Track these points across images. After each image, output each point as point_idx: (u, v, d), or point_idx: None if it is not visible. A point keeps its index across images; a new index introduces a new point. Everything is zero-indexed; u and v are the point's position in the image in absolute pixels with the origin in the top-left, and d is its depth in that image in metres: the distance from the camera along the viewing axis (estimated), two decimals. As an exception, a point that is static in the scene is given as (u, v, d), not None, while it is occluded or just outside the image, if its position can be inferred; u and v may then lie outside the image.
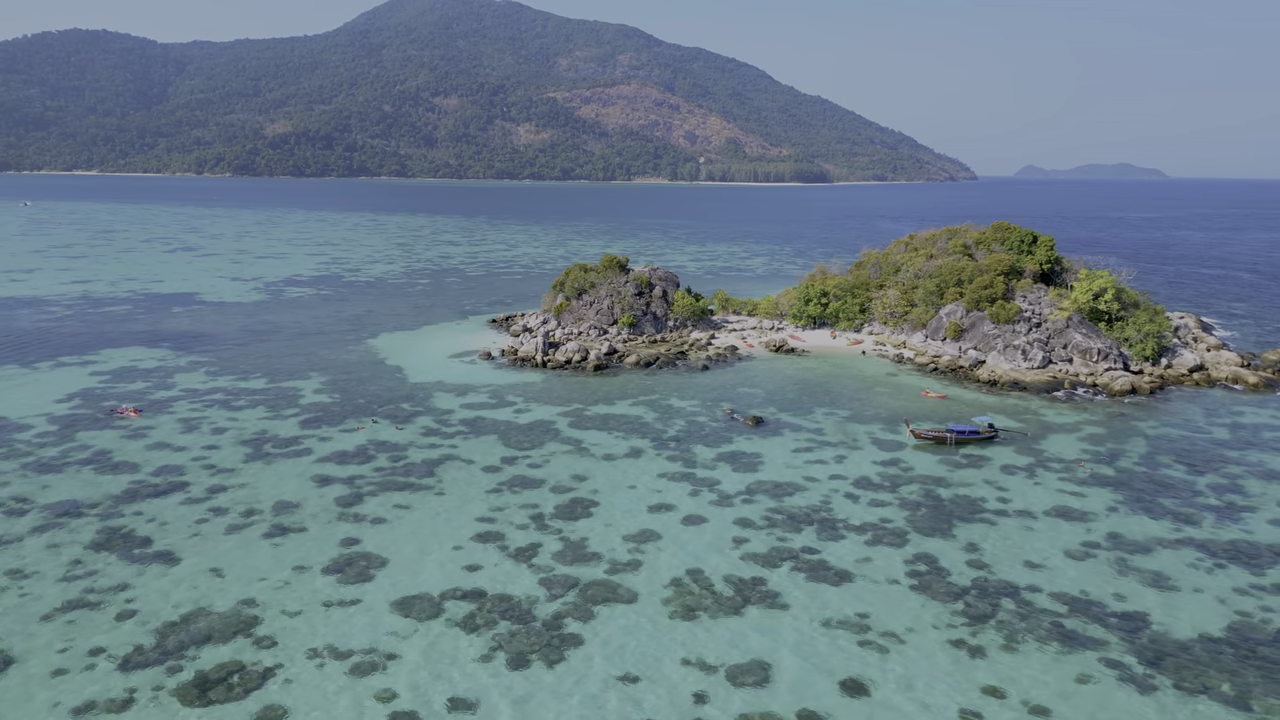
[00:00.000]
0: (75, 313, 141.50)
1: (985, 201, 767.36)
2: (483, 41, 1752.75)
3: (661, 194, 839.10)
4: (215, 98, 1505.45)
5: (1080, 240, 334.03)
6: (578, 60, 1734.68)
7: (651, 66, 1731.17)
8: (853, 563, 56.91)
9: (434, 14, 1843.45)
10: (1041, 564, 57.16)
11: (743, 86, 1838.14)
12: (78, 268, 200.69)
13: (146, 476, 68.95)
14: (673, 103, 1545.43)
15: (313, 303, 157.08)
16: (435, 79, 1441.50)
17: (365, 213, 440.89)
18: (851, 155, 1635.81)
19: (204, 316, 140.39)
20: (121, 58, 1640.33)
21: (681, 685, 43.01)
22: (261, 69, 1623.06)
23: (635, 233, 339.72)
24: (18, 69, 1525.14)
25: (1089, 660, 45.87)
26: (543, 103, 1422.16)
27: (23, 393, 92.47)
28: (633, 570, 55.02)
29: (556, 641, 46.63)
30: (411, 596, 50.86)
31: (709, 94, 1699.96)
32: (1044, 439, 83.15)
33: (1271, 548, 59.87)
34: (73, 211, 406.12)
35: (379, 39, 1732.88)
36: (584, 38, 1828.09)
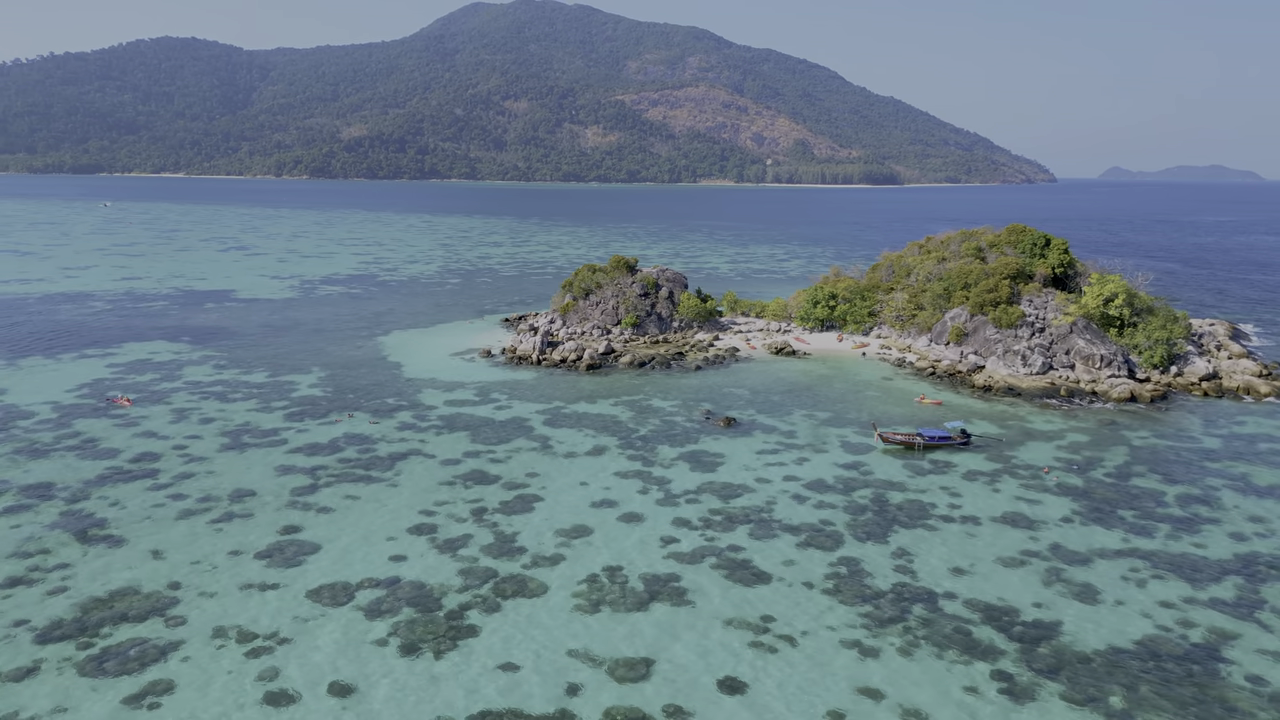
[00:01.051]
0: (114, 307, 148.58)
1: (1051, 203, 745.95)
2: (553, 45, 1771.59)
3: (723, 196, 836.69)
4: (295, 102, 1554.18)
5: (1134, 245, 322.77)
6: (647, 63, 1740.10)
7: (721, 68, 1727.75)
8: (776, 564, 56.88)
9: (506, 18, 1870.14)
10: (969, 571, 56.30)
11: (813, 87, 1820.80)
12: (132, 265, 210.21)
13: (122, 462, 72.52)
14: (740, 104, 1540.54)
15: (339, 300, 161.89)
16: (506, 82, 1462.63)
17: (423, 214, 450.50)
18: (924, 157, 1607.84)
19: (231, 312, 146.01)
20: (209, 64, 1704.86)
21: (559, 676, 43.81)
22: (340, 74, 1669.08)
23: (681, 235, 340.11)
24: (113, 75, 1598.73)
25: (980, 669, 45.22)
26: (610, 105, 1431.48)
27: (38, 382, 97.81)
28: (552, 565, 55.96)
29: (453, 631, 47.84)
30: (328, 584, 52.68)
31: (778, 95, 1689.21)
32: (1021, 446, 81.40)
33: (1220, 562, 57.87)
34: (147, 212, 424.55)
35: (453, 44, 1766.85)
36: (654, 40, 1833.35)
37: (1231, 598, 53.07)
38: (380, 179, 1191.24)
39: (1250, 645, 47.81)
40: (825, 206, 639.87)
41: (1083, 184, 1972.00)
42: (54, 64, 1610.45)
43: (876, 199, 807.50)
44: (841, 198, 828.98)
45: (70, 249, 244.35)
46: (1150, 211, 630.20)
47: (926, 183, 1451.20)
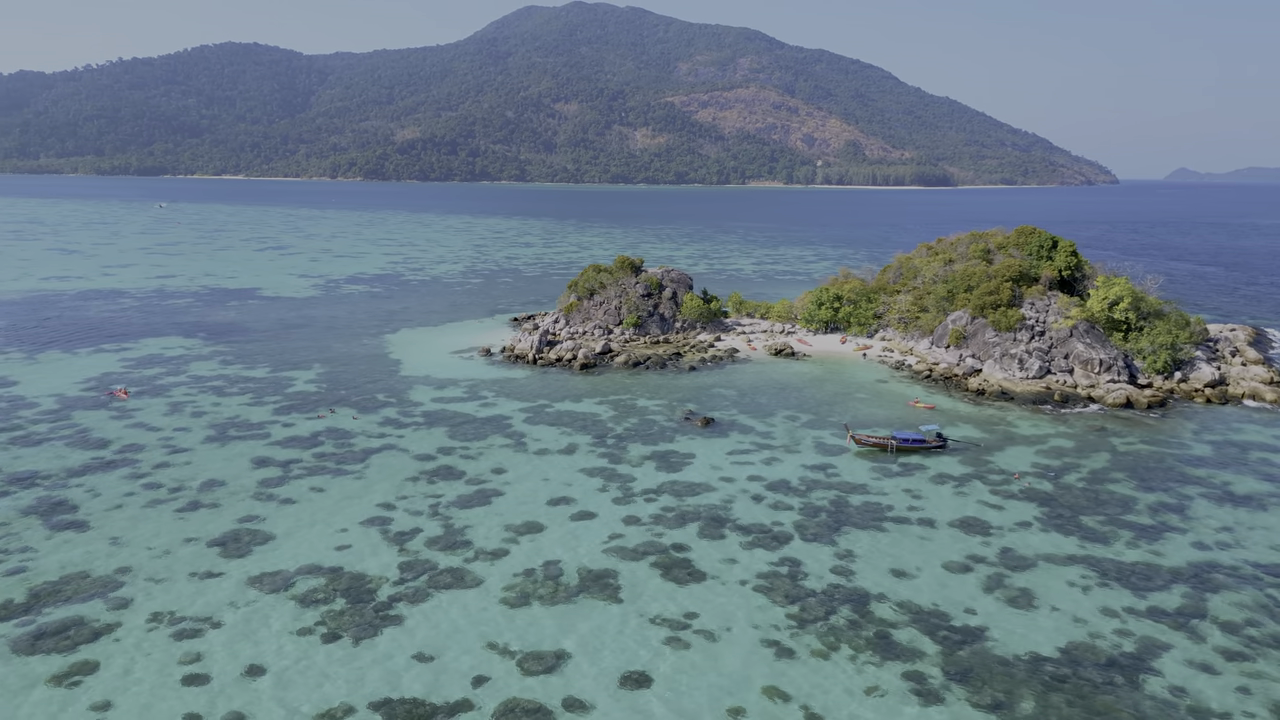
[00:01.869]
0: (141, 304, 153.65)
1: (1100, 205, 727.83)
2: (605, 48, 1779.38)
3: (769, 198, 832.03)
4: (352, 105, 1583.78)
5: (1173, 247, 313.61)
6: (698, 64, 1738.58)
7: (772, 69, 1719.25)
8: (715, 562, 57.07)
9: (559, 21, 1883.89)
10: (910, 574, 55.88)
11: (866, 88, 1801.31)
12: (168, 264, 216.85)
13: (108, 452, 75.29)
14: (791, 105, 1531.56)
15: (357, 299, 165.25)
16: (557, 85, 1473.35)
17: (464, 215, 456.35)
18: (979, 158, 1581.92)
19: (250, 310, 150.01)
20: (270, 69, 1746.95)
21: (469, 668, 44.63)
22: (395, 78, 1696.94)
23: (714, 236, 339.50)
24: (178, 80, 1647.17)
25: (893, 670, 45.00)
26: (660, 107, 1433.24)
27: (50, 374, 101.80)
28: (493, 559, 56.87)
29: (378, 620, 49.01)
30: (271, 572, 54.25)
31: (830, 96, 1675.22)
32: (1000, 451, 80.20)
33: (1173, 571, 56.58)
34: (198, 213, 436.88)
35: (505, 47, 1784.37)
36: (705, 41, 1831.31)
37: (1174, 607, 51.91)
38: (432, 181, 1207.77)
39: (1180, 656, 46.80)
40: (869, 208, 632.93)
41: (1146, 185, 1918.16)
42: (122, 69, 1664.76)
43: (924, 200, 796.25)
44: (888, 199, 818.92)
45: (115, 248, 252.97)
46: (1203, 214, 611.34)
47: (981, 184, 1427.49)
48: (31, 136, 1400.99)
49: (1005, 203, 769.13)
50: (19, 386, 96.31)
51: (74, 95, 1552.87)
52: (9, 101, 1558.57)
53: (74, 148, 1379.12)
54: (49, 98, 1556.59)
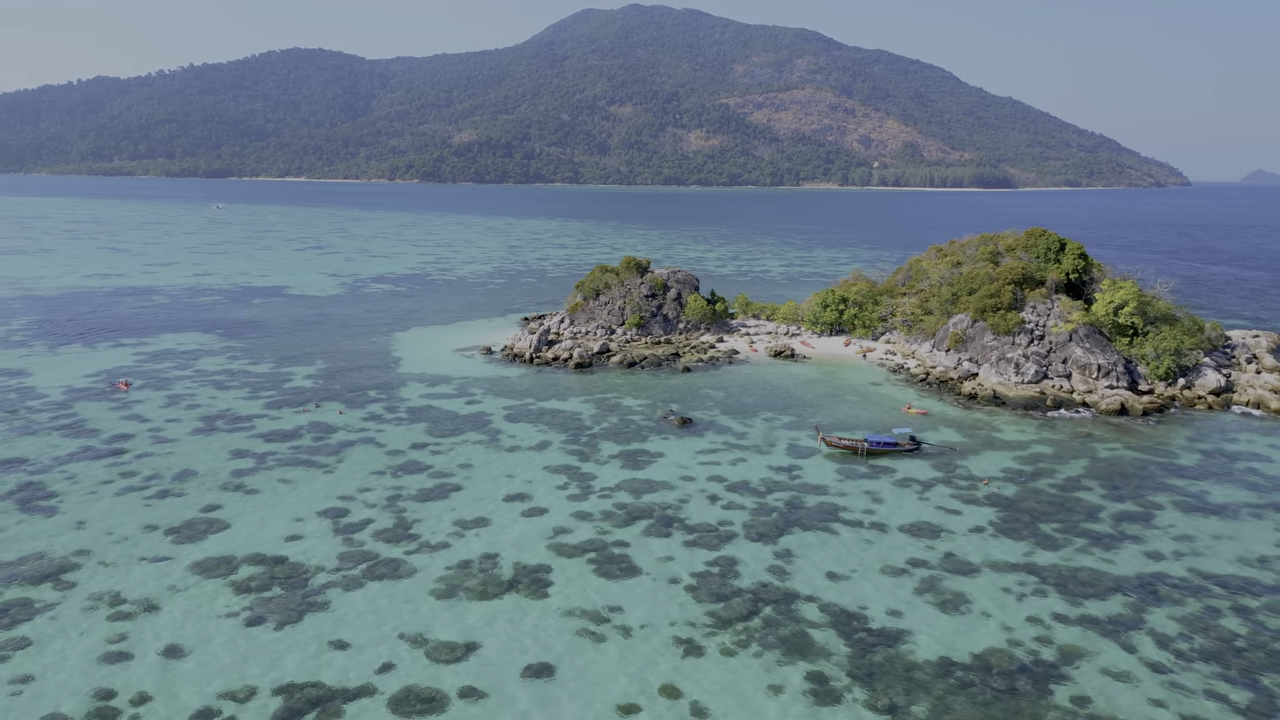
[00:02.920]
0: (170, 301, 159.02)
1: (1163, 208, 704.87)
2: (661, 50, 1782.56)
3: (821, 199, 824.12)
4: (411, 109, 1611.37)
5: (1212, 251, 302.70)
6: (754, 66, 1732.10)
7: (829, 70, 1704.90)
8: (653, 560, 57.42)
9: (615, 24, 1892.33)
10: (844, 576, 55.58)
11: (925, 88, 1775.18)
12: (208, 262, 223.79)
13: (95, 442, 78.41)
14: (848, 106, 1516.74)
15: (378, 297, 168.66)
16: (612, 88, 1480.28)
17: (508, 217, 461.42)
18: (1042, 159, 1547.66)
19: (272, 307, 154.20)
20: (334, 73, 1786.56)
21: (380, 655, 45.71)
22: (454, 81, 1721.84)
23: (752, 237, 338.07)
24: (246, 85, 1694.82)
25: (798, 671, 44.94)
26: (715, 109, 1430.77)
27: (64, 367, 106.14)
28: (434, 551, 58.01)
29: (304, 607, 50.45)
30: (216, 558, 56.10)
31: (889, 97, 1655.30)
32: (976, 455, 78.97)
33: (1119, 579, 55.36)
34: (252, 213, 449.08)
35: (562, 50, 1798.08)
36: (762, 43, 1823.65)
37: (1108, 616, 50.82)
38: (487, 183, 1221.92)
39: (1099, 665, 45.87)
40: (919, 210, 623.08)
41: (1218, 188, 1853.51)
42: (193, 74, 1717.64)
43: (979, 202, 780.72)
44: (943, 201, 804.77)
45: (162, 247, 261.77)
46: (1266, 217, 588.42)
47: (1043, 186, 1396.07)
48: (106, 140, 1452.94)
49: (1061, 205, 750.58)
50: (33, 377, 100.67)
51: (147, 100, 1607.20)
52: (86, 106, 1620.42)
53: (146, 151, 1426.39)
54: (123, 102, 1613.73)
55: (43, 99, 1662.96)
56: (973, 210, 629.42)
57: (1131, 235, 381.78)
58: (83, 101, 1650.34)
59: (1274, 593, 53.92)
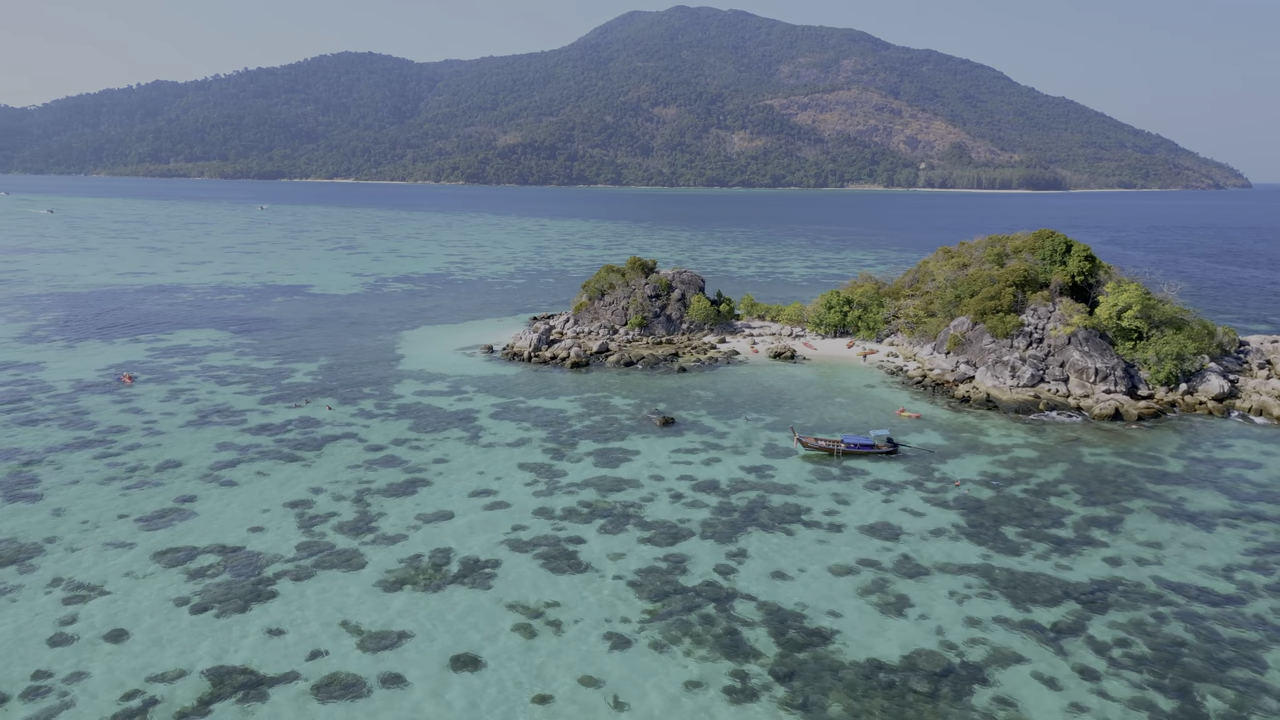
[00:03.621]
0: (195, 299, 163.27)
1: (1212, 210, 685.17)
2: (706, 51, 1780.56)
3: (863, 201, 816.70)
4: (458, 111, 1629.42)
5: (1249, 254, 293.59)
6: (800, 66, 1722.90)
7: (876, 70, 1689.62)
8: (602, 556, 57.88)
9: (660, 26, 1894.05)
10: (791, 575, 55.52)
11: (975, 89, 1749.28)
12: (239, 261, 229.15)
13: (90, 433, 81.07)
14: (894, 107, 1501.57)
15: (396, 296, 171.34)
16: (656, 89, 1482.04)
17: (543, 218, 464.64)
18: (1095, 160, 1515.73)
19: (290, 306, 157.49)
20: (383, 77, 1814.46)
21: (311, 643, 46.78)
22: (500, 84, 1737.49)
23: (782, 239, 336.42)
24: (298, 89, 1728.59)
25: (722, 668, 45.11)
26: (759, 110, 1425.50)
27: (78, 361, 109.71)
28: (389, 544, 59.11)
29: (250, 596, 51.79)
30: (177, 547, 57.80)
31: (937, 97, 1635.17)
32: (955, 458, 78.12)
33: (1070, 585, 54.54)
34: (294, 214, 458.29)
35: (607, 52, 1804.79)
36: (808, 44, 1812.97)
37: (1049, 622, 50.14)
38: (530, 185, 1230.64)
39: (1027, 671, 45.34)
40: (960, 211, 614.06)
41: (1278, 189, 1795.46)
42: (247, 79, 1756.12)
43: (1027, 204, 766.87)
44: (988, 202, 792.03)
45: (200, 247, 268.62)
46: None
47: (1095, 188, 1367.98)
48: (164, 142, 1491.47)
49: (1108, 206, 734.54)
50: (46, 370, 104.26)
51: (203, 104, 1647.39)
52: (145, 110, 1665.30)
53: (201, 153, 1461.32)
54: (180, 106, 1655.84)
55: (103, 102, 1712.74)
56: (1015, 211, 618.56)
57: (1173, 238, 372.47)
58: (141, 105, 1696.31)
59: (1230, 602, 52.73)
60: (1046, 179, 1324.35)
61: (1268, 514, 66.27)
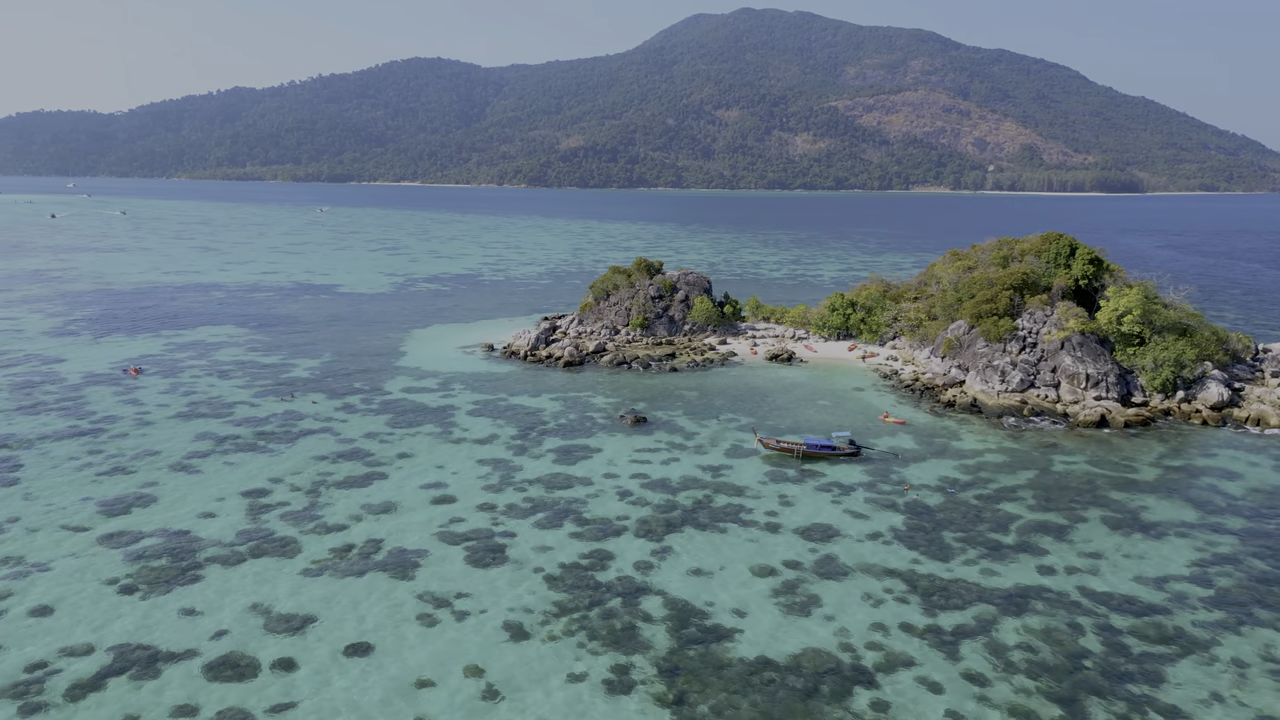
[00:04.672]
0: (226, 296, 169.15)
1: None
2: (770, 53, 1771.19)
3: (925, 204, 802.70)
4: (523, 115, 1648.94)
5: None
6: (866, 68, 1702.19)
7: (945, 71, 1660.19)
8: (529, 550, 58.75)
9: (725, 29, 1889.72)
10: (709, 573, 55.67)
11: (1049, 89, 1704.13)
12: (280, 261, 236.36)
13: (84, 422, 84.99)
14: (963, 108, 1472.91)
15: (420, 295, 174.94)
16: (719, 92, 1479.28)
17: (591, 220, 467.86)
18: (1175, 162, 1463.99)
19: (314, 304, 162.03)
20: (450, 82, 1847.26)
21: (221, 624, 48.63)
22: (565, 88, 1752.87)
23: (825, 242, 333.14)
24: (369, 94, 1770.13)
25: (606, 661, 45.60)
26: (823, 112, 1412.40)
27: (97, 354, 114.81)
28: (326, 533, 60.85)
29: (180, 578, 53.90)
30: (124, 531, 60.45)
31: (1008, 98, 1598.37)
32: (919, 462, 77.01)
33: (990, 591, 53.58)
34: (350, 216, 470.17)
35: (671, 55, 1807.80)
36: (875, 44, 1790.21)
37: (955, 626, 49.41)
38: (590, 188, 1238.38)
39: (915, 673, 44.84)
40: (1020, 215, 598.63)
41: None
42: (321, 84, 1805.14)
43: (1094, 207, 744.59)
44: (1053, 206, 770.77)
45: (249, 247, 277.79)
46: None
47: (1175, 190, 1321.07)
48: (240, 146, 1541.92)
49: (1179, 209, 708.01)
50: (63, 364, 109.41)
51: (278, 109, 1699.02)
52: (224, 115, 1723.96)
53: (275, 156, 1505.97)
54: (257, 111, 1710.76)
55: (185, 108, 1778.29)
56: (1078, 214, 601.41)
57: (1236, 243, 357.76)
58: (221, 111, 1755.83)
59: (1153, 613, 51.23)
60: (1122, 181, 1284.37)
61: (1228, 526, 63.99)
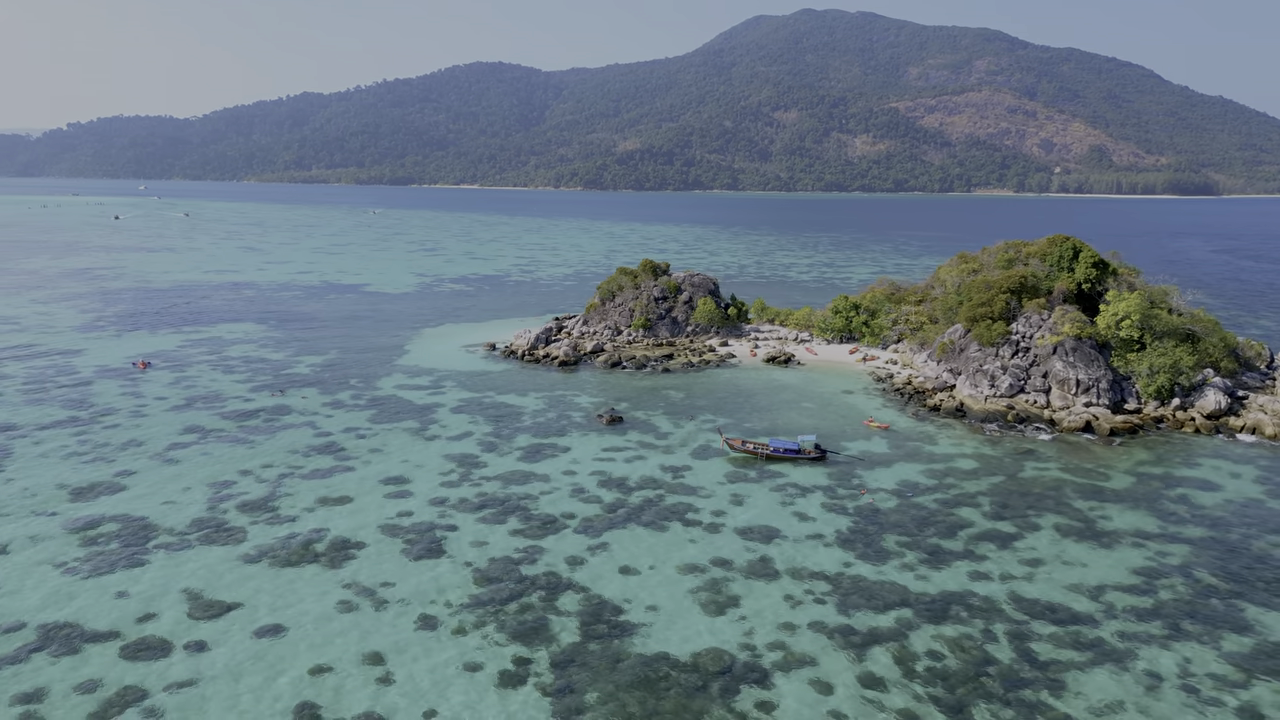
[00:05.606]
0: (255, 294, 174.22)
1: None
2: (831, 54, 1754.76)
3: (984, 206, 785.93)
4: (581, 119, 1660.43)
5: None
6: (929, 68, 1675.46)
7: (1012, 71, 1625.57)
8: (466, 544, 59.73)
9: (785, 30, 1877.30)
10: (638, 571, 56.01)
11: (1121, 88, 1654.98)
12: (319, 262, 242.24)
13: (82, 412, 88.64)
14: (1029, 108, 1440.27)
15: (442, 295, 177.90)
16: (777, 94, 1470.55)
17: (634, 223, 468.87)
18: (1254, 164, 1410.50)
19: (336, 302, 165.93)
20: (511, 86, 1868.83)
21: (149, 605, 50.59)
22: (623, 91, 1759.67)
23: (866, 245, 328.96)
24: (431, 98, 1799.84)
25: (506, 653, 46.29)
26: (883, 113, 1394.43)
27: (115, 348, 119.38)
28: (275, 523, 62.56)
29: (125, 562, 56.03)
30: (86, 516, 62.91)
31: (1078, 98, 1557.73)
32: (884, 467, 76.09)
33: (914, 595, 52.95)
34: (400, 218, 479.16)
35: (730, 58, 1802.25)
36: (939, 44, 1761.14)
37: (866, 629, 49.00)
38: (646, 190, 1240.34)
39: (811, 674, 44.67)
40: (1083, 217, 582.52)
41: None
42: (385, 89, 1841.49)
43: (1159, 210, 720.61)
44: (1117, 208, 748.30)
45: (292, 248, 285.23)
46: None
47: (1253, 193, 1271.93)
48: (307, 150, 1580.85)
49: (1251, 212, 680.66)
50: (80, 357, 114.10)
51: (344, 114, 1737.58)
52: (292, 120, 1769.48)
53: (340, 160, 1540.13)
54: (324, 116, 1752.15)
55: (256, 113, 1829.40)
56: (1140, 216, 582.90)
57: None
58: (289, 115, 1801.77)
59: (1076, 622, 50.08)
60: (1195, 184, 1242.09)
61: (1185, 536, 62.06)
